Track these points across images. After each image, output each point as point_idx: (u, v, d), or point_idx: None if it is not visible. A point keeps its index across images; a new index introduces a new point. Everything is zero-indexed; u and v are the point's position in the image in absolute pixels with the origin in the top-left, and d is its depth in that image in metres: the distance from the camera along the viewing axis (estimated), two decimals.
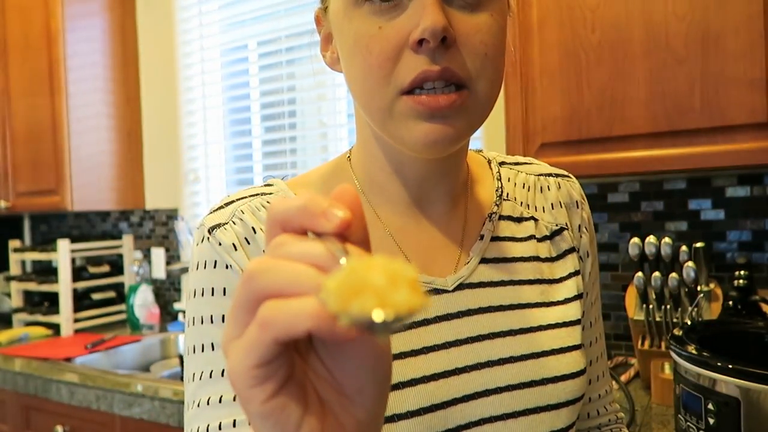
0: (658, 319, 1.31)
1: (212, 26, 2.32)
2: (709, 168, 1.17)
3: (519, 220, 0.61)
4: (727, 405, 0.81)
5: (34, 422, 1.78)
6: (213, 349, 0.51)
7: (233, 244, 0.52)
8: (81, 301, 2.31)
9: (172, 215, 2.42)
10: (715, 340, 0.95)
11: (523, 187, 0.63)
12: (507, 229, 0.60)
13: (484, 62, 0.48)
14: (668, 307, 1.29)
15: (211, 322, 0.51)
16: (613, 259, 1.59)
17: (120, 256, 2.51)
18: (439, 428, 0.50)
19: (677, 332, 0.96)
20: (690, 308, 1.27)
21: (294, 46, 2.12)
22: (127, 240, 2.48)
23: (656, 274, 1.29)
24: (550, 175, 0.65)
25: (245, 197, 0.56)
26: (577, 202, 0.64)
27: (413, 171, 0.56)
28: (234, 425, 0.48)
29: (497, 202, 0.60)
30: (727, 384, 0.81)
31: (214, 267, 0.52)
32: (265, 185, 0.58)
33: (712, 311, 1.28)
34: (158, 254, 2.42)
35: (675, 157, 1.18)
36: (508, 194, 0.62)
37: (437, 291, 0.55)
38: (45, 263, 2.60)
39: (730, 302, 1.25)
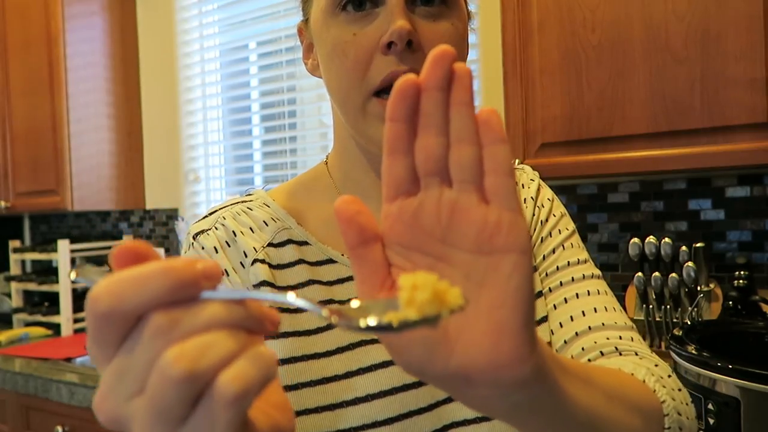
0: (658, 319, 1.31)
1: (212, 26, 2.32)
2: (709, 168, 1.17)
3: None
4: (727, 405, 0.81)
5: (34, 422, 1.78)
6: None
7: (214, 248, 0.56)
8: (81, 301, 2.31)
9: (172, 215, 2.42)
10: (715, 340, 0.95)
11: None
12: None
13: None
14: (668, 307, 1.29)
15: None
16: (613, 259, 1.59)
17: None
18: (412, 407, 0.53)
19: (677, 332, 0.96)
20: (690, 308, 1.27)
21: (294, 46, 2.11)
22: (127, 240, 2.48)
23: (656, 274, 1.29)
24: None
25: (227, 206, 0.60)
26: (530, 179, 0.66)
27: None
28: None
29: None
30: (727, 384, 0.81)
31: None
32: (246, 194, 0.63)
33: (712, 311, 1.28)
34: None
35: (675, 157, 1.18)
36: None
37: None
38: (45, 263, 2.60)
39: (730, 302, 1.25)
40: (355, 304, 0.29)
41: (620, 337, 0.58)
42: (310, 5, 0.58)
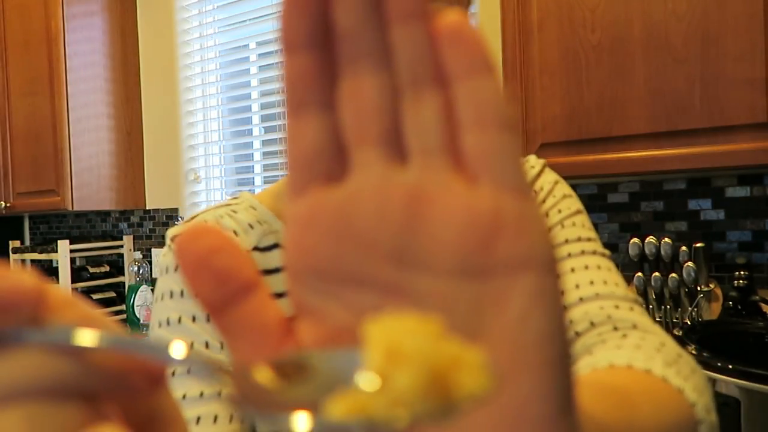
0: (657, 319, 1.31)
1: (212, 26, 2.32)
2: (709, 168, 1.17)
3: None
4: (727, 405, 0.81)
5: None
6: None
7: None
8: None
9: (172, 215, 2.42)
10: (715, 340, 0.95)
11: None
12: None
13: None
14: (668, 307, 1.29)
15: (168, 324, 0.53)
16: (613, 260, 1.58)
17: (120, 256, 2.51)
18: None
19: (677, 332, 0.96)
20: (690, 308, 1.27)
21: None
22: (127, 240, 2.48)
23: (656, 274, 1.29)
24: None
25: (211, 209, 0.59)
26: (531, 167, 0.63)
27: None
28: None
29: None
30: (727, 384, 0.81)
31: (176, 271, 0.54)
32: (233, 197, 0.61)
33: (712, 311, 1.28)
34: (158, 254, 2.42)
35: (675, 157, 1.18)
36: None
37: None
38: (45, 263, 2.60)
39: (730, 302, 1.25)
40: (260, 376, 0.16)
41: (617, 306, 0.51)
42: None
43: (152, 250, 2.45)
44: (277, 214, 0.58)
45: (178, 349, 0.16)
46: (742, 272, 1.26)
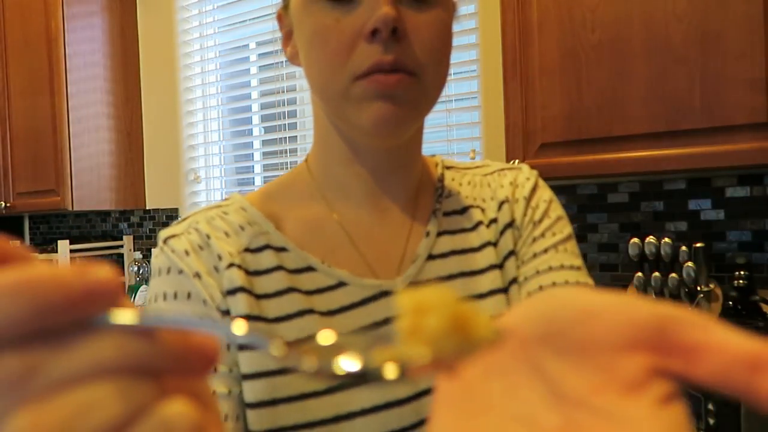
0: None
1: (212, 26, 2.32)
2: (708, 168, 1.17)
3: (463, 210, 0.61)
4: (727, 405, 0.81)
5: None
6: None
7: (185, 251, 0.54)
8: None
9: (172, 215, 2.42)
10: None
11: (468, 184, 0.64)
12: (453, 222, 0.61)
13: (431, 54, 0.52)
14: None
15: None
16: (613, 260, 1.59)
17: (120, 256, 2.51)
18: (395, 426, 0.52)
19: None
20: (690, 308, 1.27)
21: None
22: (127, 240, 2.48)
23: (656, 274, 1.29)
24: (498, 170, 0.65)
25: (202, 211, 0.59)
26: (526, 178, 0.63)
27: (370, 161, 0.58)
28: None
29: (438, 200, 0.62)
30: None
31: (168, 273, 0.54)
32: (224, 200, 0.61)
33: (712, 311, 1.28)
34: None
35: (675, 157, 1.18)
36: (450, 192, 0.63)
37: (386, 293, 0.55)
38: None
39: (730, 302, 1.25)
40: (326, 337, 0.20)
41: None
42: None
43: (152, 250, 2.44)
44: (267, 215, 0.58)
45: (239, 326, 0.19)
46: (742, 272, 1.26)
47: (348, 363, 0.18)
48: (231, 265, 0.54)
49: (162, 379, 0.19)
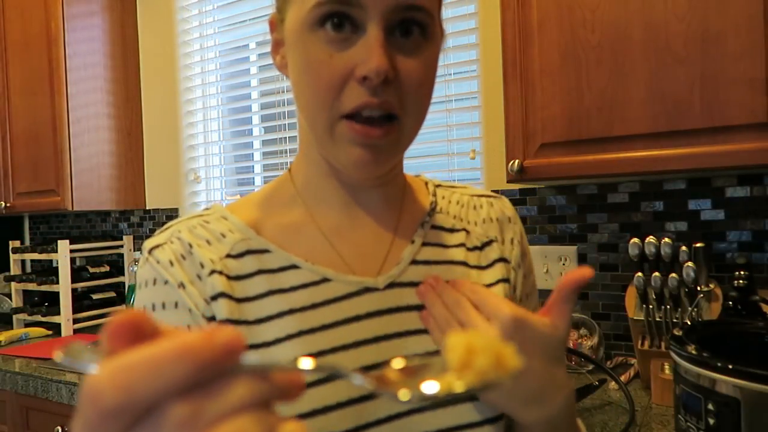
0: (657, 319, 1.31)
1: (212, 26, 2.32)
2: (709, 168, 1.17)
3: (451, 230, 0.65)
4: (727, 405, 0.81)
5: (33, 423, 1.78)
6: None
7: (170, 261, 0.56)
8: (81, 301, 2.31)
9: (172, 215, 2.42)
10: (715, 340, 0.95)
11: (457, 203, 0.68)
12: (438, 237, 0.64)
13: (416, 99, 0.54)
14: (668, 307, 1.30)
15: None
16: (613, 260, 1.59)
17: (120, 256, 2.51)
18: (369, 419, 0.53)
19: (677, 332, 0.96)
20: (690, 308, 1.27)
21: None
22: (127, 240, 2.48)
23: (656, 274, 1.29)
24: (483, 196, 0.71)
25: (183, 220, 0.60)
26: (509, 218, 0.69)
27: (348, 178, 0.60)
28: None
29: (430, 213, 0.66)
30: (727, 384, 0.81)
31: (154, 284, 0.56)
32: (204, 209, 0.62)
33: (712, 311, 1.28)
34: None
35: (675, 157, 1.18)
36: (441, 209, 0.67)
37: (368, 289, 0.58)
38: (45, 263, 2.60)
39: (730, 302, 1.25)
40: (397, 364, 0.26)
41: None
42: (288, 5, 0.56)
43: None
44: (248, 223, 0.59)
45: (305, 363, 0.25)
46: (742, 272, 1.26)
47: (429, 386, 0.25)
48: (213, 271, 0.55)
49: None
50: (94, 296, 2.38)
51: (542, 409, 0.54)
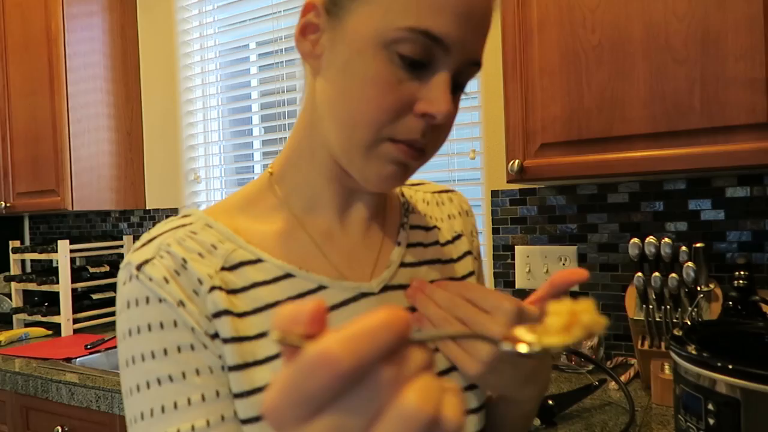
0: (658, 319, 1.31)
1: (212, 26, 2.32)
2: (709, 168, 1.17)
3: (427, 228, 0.69)
4: (727, 405, 0.81)
5: (33, 422, 1.78)
6: (160, 384, 0.51)
7: (164, 278, 0.52)
8: (81, 301, 2.31)
9: (172, 215, 2.41)
10: (715, 340, 0.95)
11: (423, 201, 0.72)
12: (417, 236, 0.67)
13: (443, 138, 0.58)
14: (668, 307, 1.29)
15: (153, 357, 0.51)
16: (613, 260, 1.59)
17: (120, 256, 2.51)
18: None
19: (677, 332, 0.96)
20: (690, 308, 1.27)
21: (294, 46, 2.12)
22: (127, 240, 2.48)
23: (656, 274, 1.29)
24: (443, 192, 0.75)
25: (167, 231, 0.56)
26: (467, 211, 0.75)
27: (351, 181, 0.60)
28: None
29: (405, 214, 0.68)
30: (727, 384, 0.81)
31: (147, 303, 0.52)
32: (183, 216, 0.59)
33: (712, 311, 1.28)
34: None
35: (675, 157, 1.18)
36: (413, 208, 0.70)
37: (364, 294, 0.59)
38: (45, 263, 2.60)
39: (730, 302, 1.25)
40: (520, 332, 0.32)
41: None
42: (355, 4, 0.51)
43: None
44: (234, 230, 0.57)
45: (505, 346, 0.32)
46: (742, 272, 1.26)
47: (549, 340, 0.31)
48: (213, 288, 0.53)
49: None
50: (94, 296, 2.37)
51: (536, 386, 0.58)
